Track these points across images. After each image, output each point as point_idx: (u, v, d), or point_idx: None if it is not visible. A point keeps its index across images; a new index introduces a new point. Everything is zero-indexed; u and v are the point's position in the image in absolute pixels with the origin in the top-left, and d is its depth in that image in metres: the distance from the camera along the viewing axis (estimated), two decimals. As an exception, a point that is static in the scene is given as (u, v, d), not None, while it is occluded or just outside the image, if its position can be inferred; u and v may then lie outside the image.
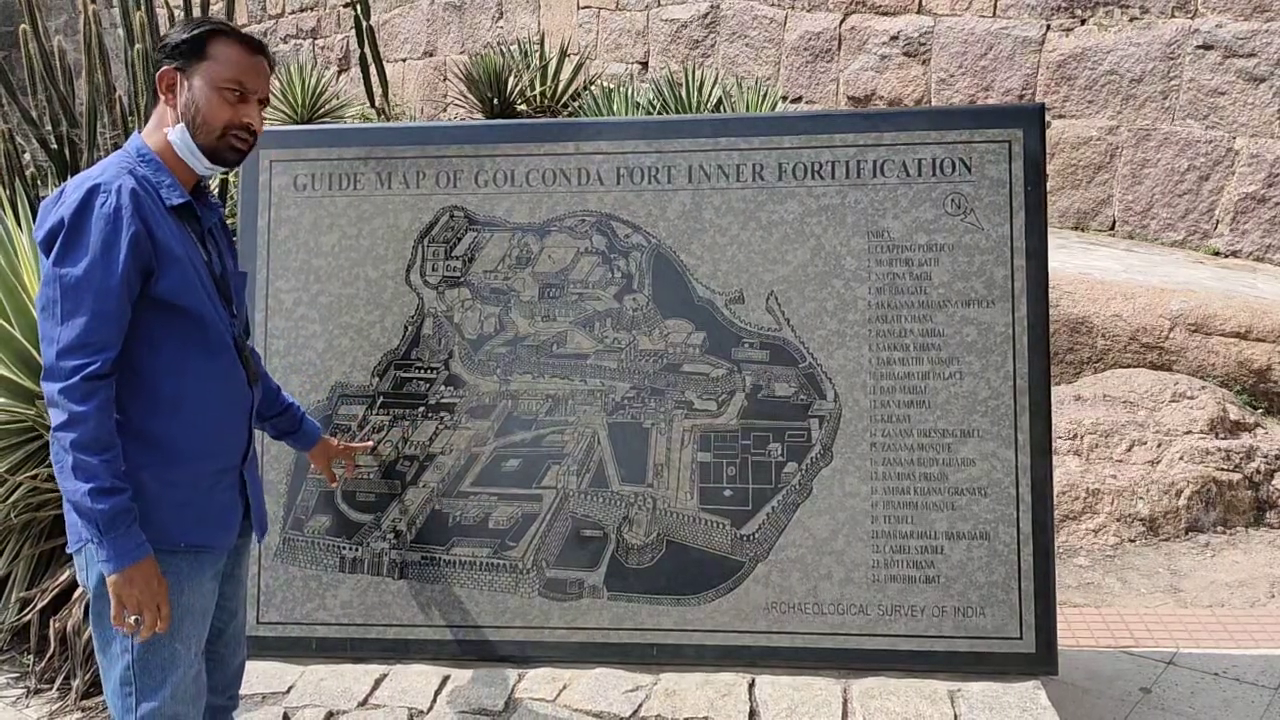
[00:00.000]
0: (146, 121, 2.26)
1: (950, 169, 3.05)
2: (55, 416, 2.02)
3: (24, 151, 5.44)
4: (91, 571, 2.14)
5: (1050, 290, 3.05)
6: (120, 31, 5.65)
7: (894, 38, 8.39)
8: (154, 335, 2.12)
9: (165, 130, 2.18)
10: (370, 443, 3.09)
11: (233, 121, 2.17)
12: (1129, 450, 4.78)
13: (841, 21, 8.74)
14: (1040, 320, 3.02)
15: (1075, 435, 4.84)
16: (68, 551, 2.23)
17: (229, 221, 2.47)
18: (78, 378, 2.00)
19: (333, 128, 3.47)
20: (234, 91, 2.17)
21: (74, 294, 2.02)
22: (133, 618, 2.07)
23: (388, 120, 6.99)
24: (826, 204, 3.09)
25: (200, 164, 2.19)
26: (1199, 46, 6.92)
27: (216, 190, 4.97)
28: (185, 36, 2.17)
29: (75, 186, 2.08)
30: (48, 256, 2.05)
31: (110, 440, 2.03)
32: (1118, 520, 4.56)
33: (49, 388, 2.02)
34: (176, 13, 5.79)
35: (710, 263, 3.12)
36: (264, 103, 2.24)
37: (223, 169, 2.24)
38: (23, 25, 5.09)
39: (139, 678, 2.16)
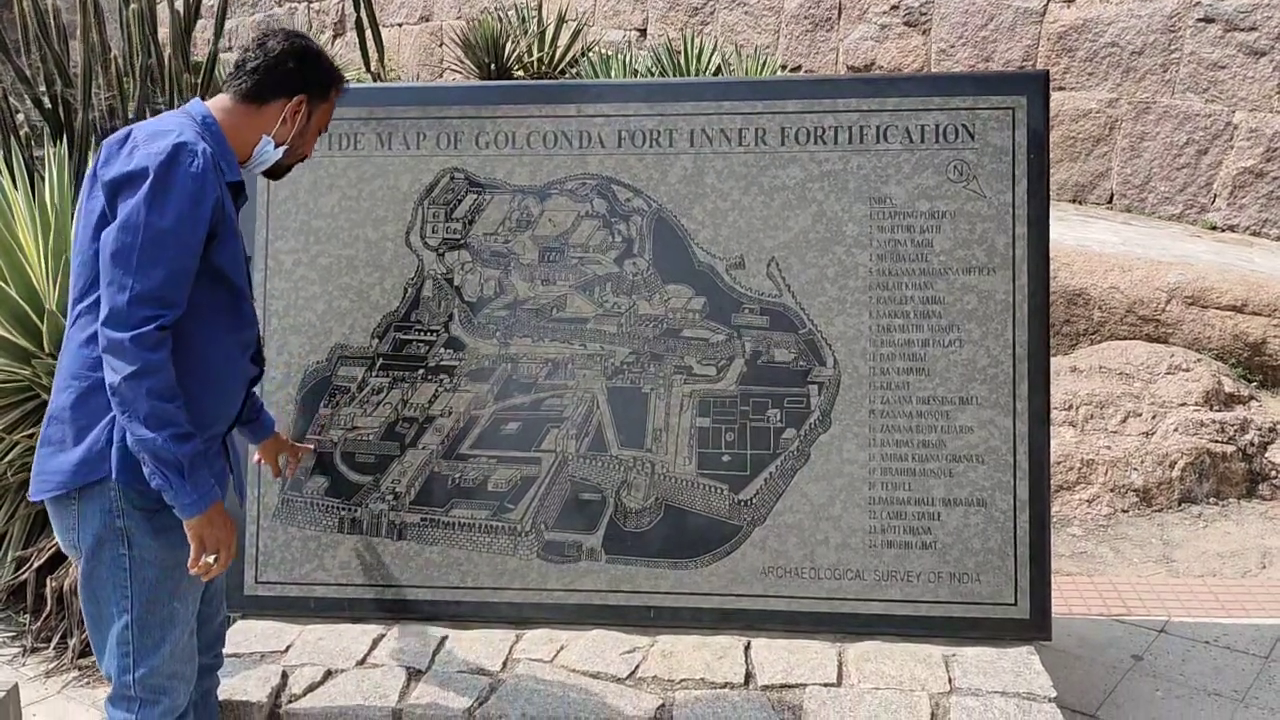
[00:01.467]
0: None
1: (953, 135, 3.04)
2: (123, 365, 1.99)
3: (18, 111, 5.40)
4: (85, 530, 2.13)
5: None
6: (115, -9, 5.60)
7: (894, 7, 8.35)
8: (198, 301, 2.12)
9: (262, 137, 2.27)
10: (312, 446, 3.12)
11: (308, 154, 2.42)
12: (1124, 421, 4.80)
13: (842, -10, 8.69)
14: (1041, 289, 3.02)
15: (1071, 406, 4.86)
16: (33, 500, 2.21)
17: None
18: (151, 327, 2.00)
19: (333, 87, 3.44)
20: (323, 131, 2.41)
21: (157, 245, 2.01)
22: (211, 557, 2.12)
23: (385, 84, 6.93)
24: (829, 170, 3.08)
25: (259, 170, 2.34)
26: (1200, 19, 6.89)
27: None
28: (325, 75, 2.33)
29: (151, 136, 2.08)
30: (109, 198, 2.05)
31: (177, 390, 2.04)
32: (1111, 491, 4.58)
33: (115, 335, 1.99)
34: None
35: (711, 228, 3.11)
36: None
37: (266, 178, 2.44)
38: (17, -17, 5.04)
39: (137, 638, 2.16)
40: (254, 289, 3.15)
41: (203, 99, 2.29)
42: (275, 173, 2.39)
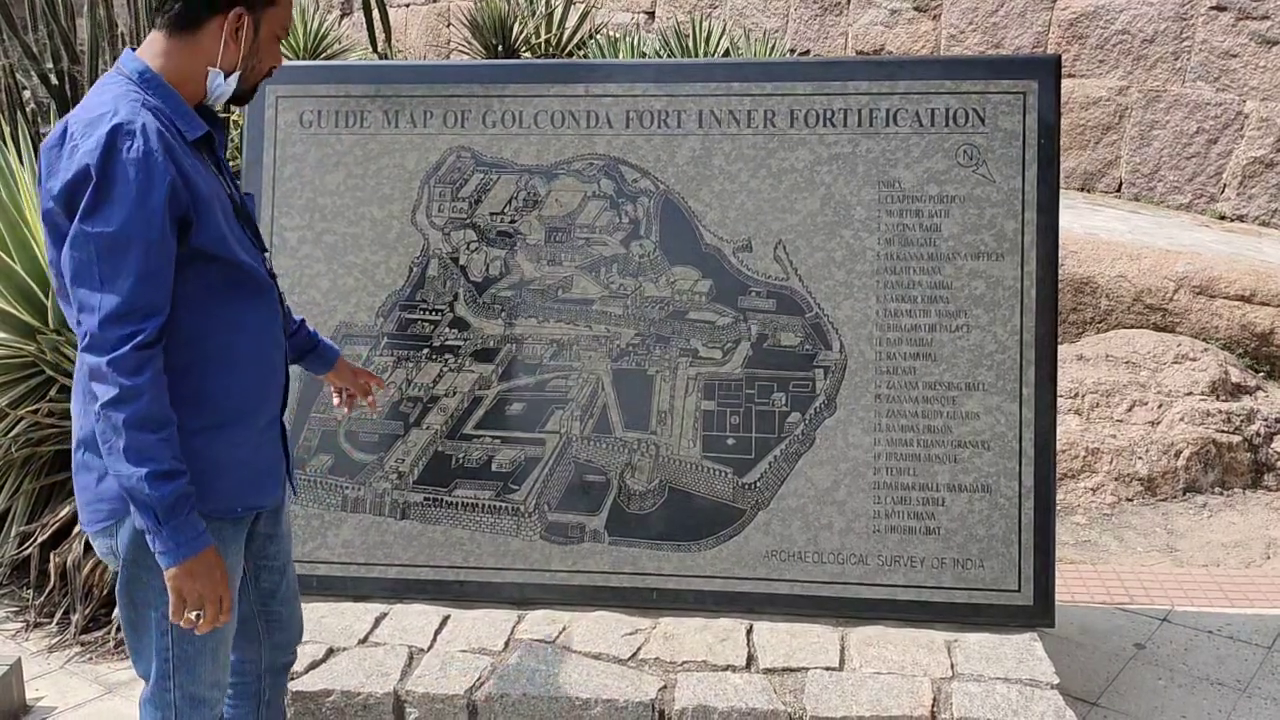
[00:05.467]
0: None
1: (964, 120, 3.02)
2: (104, 392, 1.80)
3: (24, 88, 5.39)
4: (123, 536, 1.97)
5: (1057, 248, 3.04)
6: (122, -33, 5.58)
7: (904, -8, 8.30)
8: (196, 289, 1.93)
9: (208, 69, 1.96)
10: (382, 382, 2.97)
11: (275, 66, 2.08)
12: (1129, 410, 4.79)
13: (852, -25, 8.64)
14: (1049, 275, 3.00)
15: (1076, 394, 4.84)
16: (85, 530, 2.03)
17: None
18: (127, 348, 1.79)
19: (340, 64, 3.43)
20: (282, 37, 2.06)
21: (112, 255, 1.79)
22: (194, 613, 1.89)
23: (392, 64, 6.89)
24: (838, 153, 3.06)
25: (220, 103, 2.04)
26: (1212, 8, 6.85)
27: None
28: None
29: (86, 126, 1.83)
30: (66, 211, 1.82)
31: (166, 415, 1.83)
32: (1116, 479, 4.57)
33: (93, 360, 1.80)
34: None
35: (719, 210, 3.10)
36: None
37: (233, 105, 2.11)
38: (24, -42, 5.02)
39: (177, 644, 2.02)
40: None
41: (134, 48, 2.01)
42: (241, 98, 2.06)
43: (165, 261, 1.84)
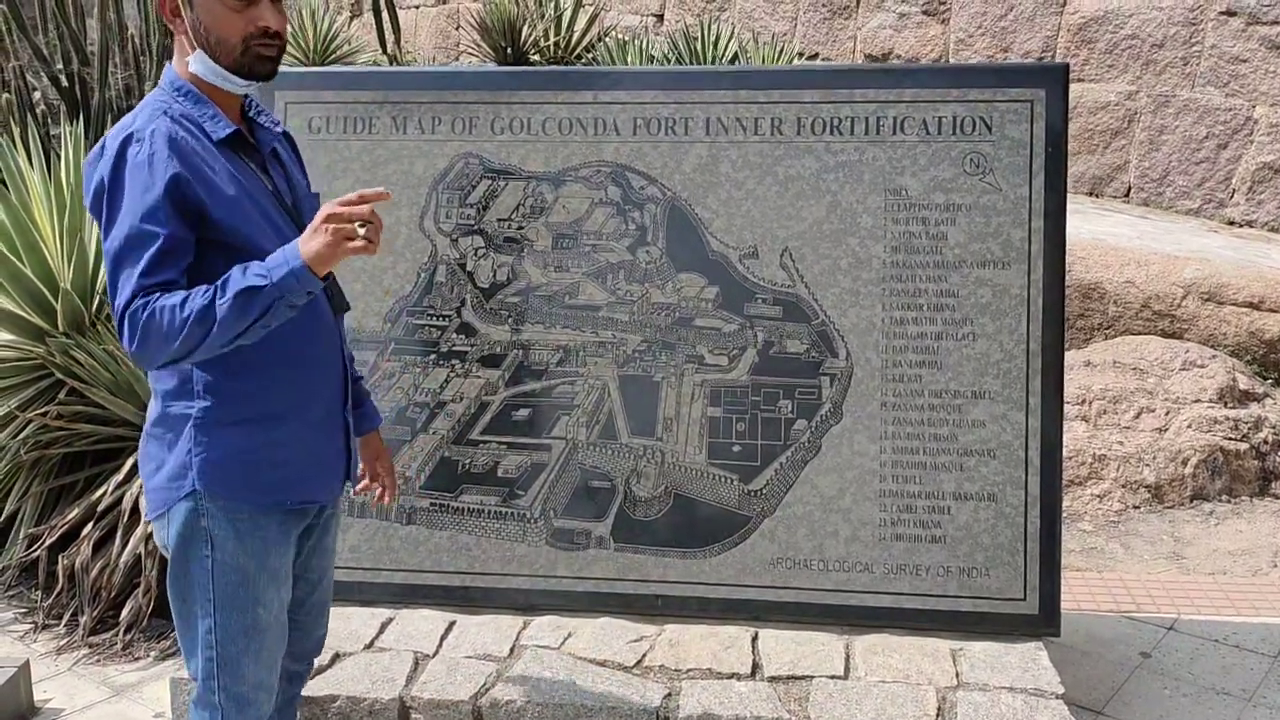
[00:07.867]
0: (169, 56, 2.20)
1: (971, 128, 3.02)
2: (157, 345, 1.85)
3: (35, 90, 5.41)
4: (173, 528, 2.03)
5: (1065, 254, 3.03)
6: (132, -31, 5.60)
7: (913, -4, 8.29)
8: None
9: (186, 60, 1.98)
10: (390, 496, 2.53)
11: (249, 31, 1.95)
12: (1137, 417, 4.78)
13: (861, -22, 8.62)
14: (1055, 283, 3.00)
15: (1084, 401, 4.84)
16: (147, 519, 2.09)
17: None
18: (130, 308, 1.84)
19: (349, 70, 3.44)
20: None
21: (127, 251, 1.87)
22: (360, 232, 1.83)
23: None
24: (844, 160, 3.06)
25: (235, 85, 2.00)
26: (1222, 12, 6.83)
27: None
28: None
29: (113, 140, 1.92)
30: (96, 220, 1.93)
31: (185, 294, 1.84)
32: (1123, 486, 4.56)
33: (128, 349, 1.88)
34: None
35: (725, 217, 3.10)
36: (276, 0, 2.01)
37: (259, 81, 2.02)
38: (35, -39, 5.05)
39: (221, 642, 2.06)
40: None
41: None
42: (249, 71, 1.99)
43: (172, 244, 1.87)
